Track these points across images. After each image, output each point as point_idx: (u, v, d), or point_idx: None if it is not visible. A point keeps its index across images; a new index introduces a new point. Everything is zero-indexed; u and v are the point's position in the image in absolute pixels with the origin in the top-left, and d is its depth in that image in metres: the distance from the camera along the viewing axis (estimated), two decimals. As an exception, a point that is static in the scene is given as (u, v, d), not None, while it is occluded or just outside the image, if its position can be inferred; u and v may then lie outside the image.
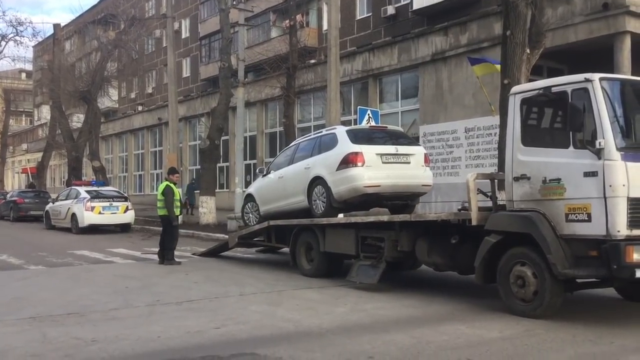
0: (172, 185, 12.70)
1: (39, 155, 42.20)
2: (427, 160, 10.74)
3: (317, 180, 10.55)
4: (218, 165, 27.70)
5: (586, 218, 6.54)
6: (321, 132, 11.61)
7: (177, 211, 12.73)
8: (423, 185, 10.64)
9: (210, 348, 5.78)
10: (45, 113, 53.65)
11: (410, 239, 8.84)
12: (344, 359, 5.42)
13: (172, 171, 13.38)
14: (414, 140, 12.21)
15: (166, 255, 12.43)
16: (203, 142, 23.02)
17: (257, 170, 14.82)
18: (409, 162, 10.39)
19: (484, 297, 8.23)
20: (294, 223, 11.03)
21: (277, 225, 11.52)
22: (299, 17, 29.24)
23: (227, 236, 14.89)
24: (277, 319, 7.11)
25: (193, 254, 14.21)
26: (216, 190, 23.91)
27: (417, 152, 10.69)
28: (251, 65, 27.77)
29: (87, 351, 5.69)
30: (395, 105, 23.23)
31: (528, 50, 12.02)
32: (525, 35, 11.92)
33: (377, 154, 10.09)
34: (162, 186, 12.86)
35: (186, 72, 44.56)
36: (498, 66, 13.50)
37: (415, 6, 26.70)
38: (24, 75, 69.41)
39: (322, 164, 10.56)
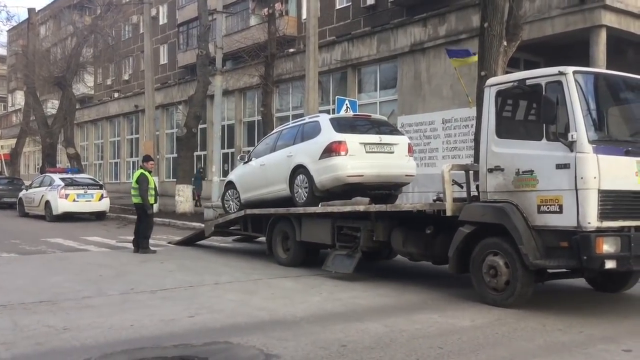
0: (146, 173, 12.59)
1: (13, 141, 41.50)
2: (410, 150, 10.67)
3: (299, 169, 10.45)
4: (195, 153, 27.54)
5: (558, 209, 6.63)
6: (304, 119, 11.51)
7: (152, 199, 12.64)
8: (406, 175, 10.58)
9: (184, 337, 5.77)
10: (19, 99, 52.74)
11: (386, 229, 8.89)
12: (317, 347, 5.44)
13: (147, 159, 13.27)
14: (398, 130, 12.17)
15: (141, 244, 12.35)
16: (180, 130, 22.86)
17: (238, 157, 14.71)
18: (392, 152, 10.30)
19: (457, 286, 8.33)
20: (271, 212, 11.02)
21: (254, 214, 11.50)
22: (278, 5, 29.06)
23: (203, 225, 14.83)
24: (251, 308, 7.12)
25: (169, 243, 14.13)
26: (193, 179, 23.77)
27: (401, 141, 10.60)
28: (230, 54, 27.55)
29: (58, 339, 5.64)
30: (374, 95, 23.26)
31: (505, 43, 12.10)
32: (503, 28, 11.99)
33: (361, 143, 10.00)
34: (136, 174, 12.74)
35: (164, 59, 44.09)
36: (475, 57, 13.58)
37: (395, -4, 26.69)
38: (-3, 59, 68.04)
39: (304, 152, 10.45)
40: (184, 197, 21.49)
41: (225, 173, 25.37)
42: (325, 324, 6.29)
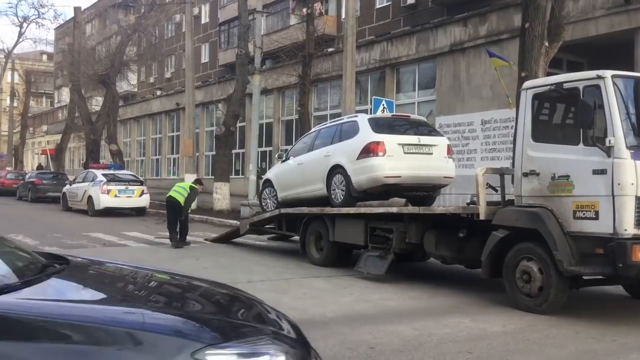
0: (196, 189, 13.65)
1: (58, 137, 42.63)
2: (450, 151, 10.51)
3: (336, 169, 10.41)
4: (234, 151, 27.84)
5: (594, 216, 6.52)
6: (342, 119, 11.51)
7: (188, 208, 13.68)
8: (445, 177, 10.42)
9: (214, 334, 5.86)
10: (65, 95, 54.18)
11: (419, 231, 8.86)
12: (345, 348, 5.48)
13: (199, 182, 14.37)
14: (437, 131, 11.98)
15: (180, 237, 13.05)
16: (219, 128, 23.15)
17: (276, 156, 14.93)
18: (431, 153, 10.16)
19: (490, 290, 8.24)
20: (305, 212, 11.08)
21: (288, 213, 11.58)
22: (317, 4, 29.18)
23: (239, 222, 15.01)
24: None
25: (205, 240, 14.36)
26: (231, 177, 24.04)
27: (440, 142, 10.45)
28: (268, 53, 27.74)
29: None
30: (412, 95, 23.12)
31: (547, 44, 11.89)
32: (545, 28, 11.78)
33: (399, 144, 9.89)
34: (189, 184, 13.78)
35: (205, 58, 44.67)
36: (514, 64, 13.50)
37: (436, -4, 26.49)
38: (45, 57, 70.02)
39: (342, 152, 10.41)
40: (221, 194, 21.77)
41: (263, 171, 25.59)
42: (354, 325, 6.32)
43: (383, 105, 16.05)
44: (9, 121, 52.38)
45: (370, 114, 16.74)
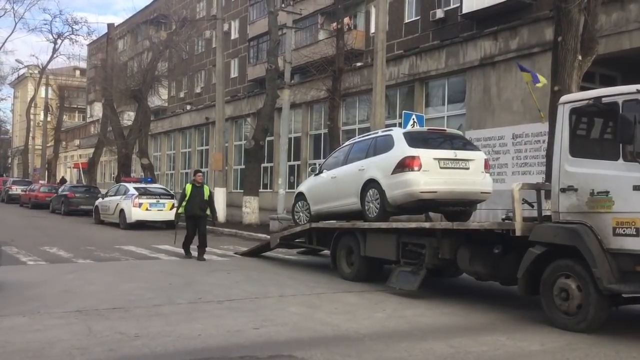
0: (191, 185, 13.52)
1: (91, 151, 43.35)
2: (487, 166, 10.32)
3: (371, 183, 10.29)
4: (262, 165, 27.97)
5: (634, 233, 6.37)
6: (377, 132, 11.42)
7: (200, 212, 13.39)
8: (482, 192, 10.20)
9: (249, 348, 5.86)
10: (97, 110, 55.13)
11: (452, 247, 8.75)
12: (381, 365, 5.42)
13: (198, 171, 14.43)
14: (474, 145, 11.84)
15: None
16: (248, 142, 23.31)
17: (309, 169, 14.86)
18: (468, 168, 9.97)
19: (526, 308, 8.10)
20: (336, 226, 11.04)
21: (319, 227, 11.56)
22: (346, 19, 29.29)
23: (269, 236, 15.02)
24: (315, 322, 7.16)
25: (235, 253, 14.40)
26: (260, 190, 24.13)
27: (477, 157, 10.24)
28: (298, 67, 27.89)
29: (130, 346, 5.84)
30: (442, 109, 22.99)
31: (580, 57, 11.78)
32: (577, 42, 11.67)
33: (435, 159, 9.73)
34: (207, 189, 13.70)
35: (234, 73, 45.11)
36: (540, 84, 13.41)
37: (465, 10, 26.40)
38: (78, 72, 71.40)
39: (377, 167, 10.30)
40: (250, 208, 21.86)
41: (291, 185, 25.66)
42: (388, 342, 6.26)
43: (413, 119, 15.98)
44: (42, 135, 53.46)
45: (400, 128, 16.68)
